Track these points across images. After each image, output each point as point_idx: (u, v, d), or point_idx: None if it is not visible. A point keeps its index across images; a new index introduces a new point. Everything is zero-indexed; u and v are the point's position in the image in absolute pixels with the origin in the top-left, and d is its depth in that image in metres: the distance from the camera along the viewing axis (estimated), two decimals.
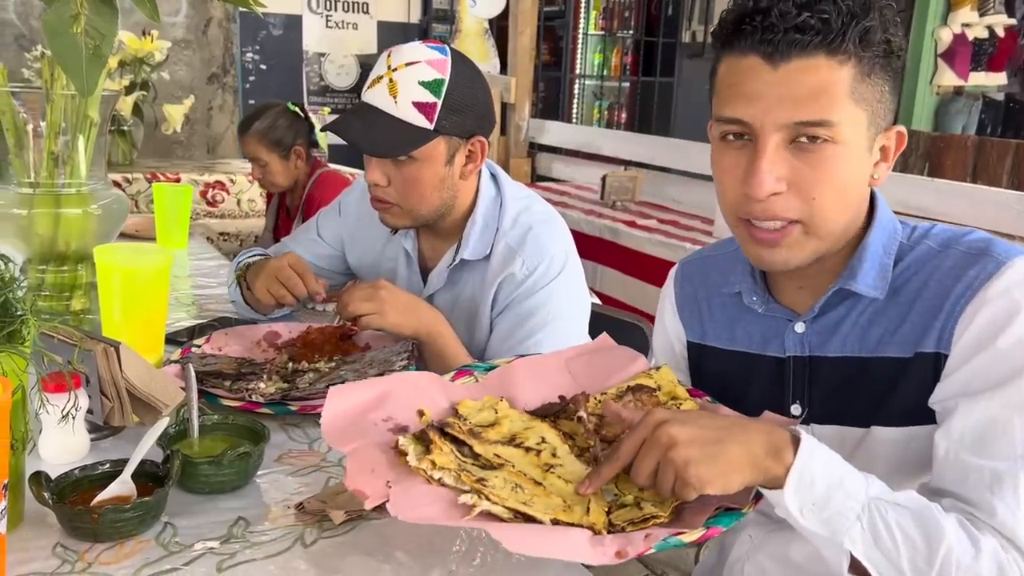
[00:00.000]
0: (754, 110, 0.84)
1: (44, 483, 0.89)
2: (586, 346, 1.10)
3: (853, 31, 0.81)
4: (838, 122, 0.82)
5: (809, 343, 0.95)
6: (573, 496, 0.82)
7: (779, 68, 0.82)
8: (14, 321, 0.87)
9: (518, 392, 1.01)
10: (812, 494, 0.76)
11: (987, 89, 5.94)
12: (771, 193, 0.84)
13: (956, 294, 0.85)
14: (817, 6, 0.80)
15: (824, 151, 0.83)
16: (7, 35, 4.23)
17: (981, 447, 0.82)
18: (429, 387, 0.98)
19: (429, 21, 5.61)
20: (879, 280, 0.91)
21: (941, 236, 0.92)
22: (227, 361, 1.33)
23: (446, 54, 1.35)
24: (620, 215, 3.67)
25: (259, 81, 5.14)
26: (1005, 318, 0.82)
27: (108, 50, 1.20)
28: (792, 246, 0.88)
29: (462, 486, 0.82)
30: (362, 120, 1.34)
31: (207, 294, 1.92)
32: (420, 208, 1.40)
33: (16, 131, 1.40)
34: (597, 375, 1.03)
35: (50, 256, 1.45)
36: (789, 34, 0.81)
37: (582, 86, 6.80)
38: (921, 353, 0.87)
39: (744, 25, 0.83)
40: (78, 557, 0.85)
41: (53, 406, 0.98)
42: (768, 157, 0.84)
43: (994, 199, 2.85)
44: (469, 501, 0.79)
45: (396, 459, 0.86)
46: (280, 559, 0.87)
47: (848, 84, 0.82)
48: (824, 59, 0.81)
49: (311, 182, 2.80)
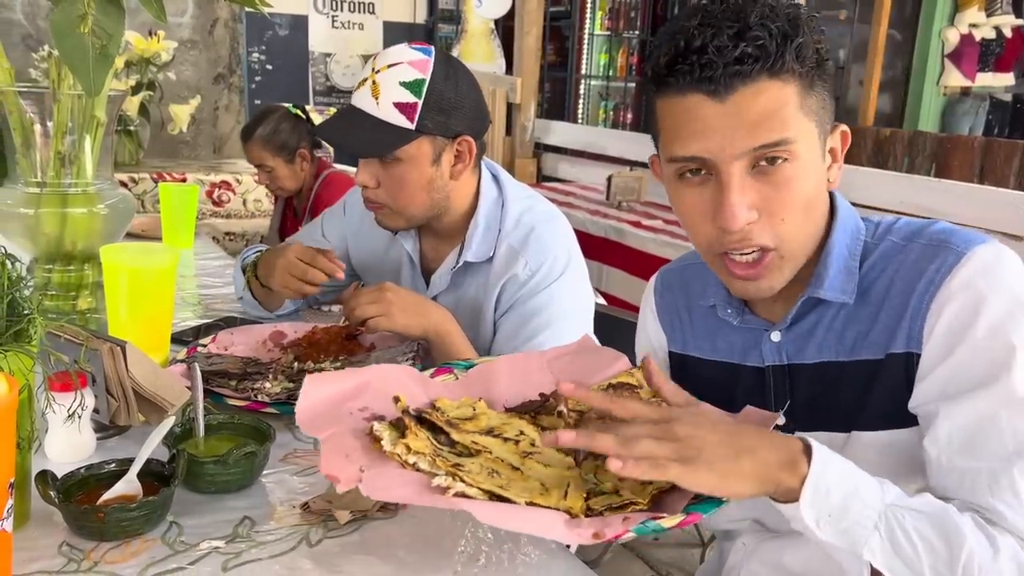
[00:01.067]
0: (710, 144, 0.83)
1: (50, 482, 0.89)
2: (568, 347, 1.09)
3: (789, 50, 0.81)
4: (794, 138, 0.82)
5: (786, 351, 0.95)
6: (551, 480, 0.83)
7: (726, 101, 0.81)
8: (21, 320, 0.87)
9: (499, 390, 1.01)
10: (828, 505, 0.75)
11: (994, 90, 5.92)
12: (746, 223, 0.84)
13: (919, 291, 0.85)
14: (751, 33, 0.80)
15: (785, 170, 0.83)
16: (14, 35, 4.25)
17: (972, 449, 0.81)
18: (407, 381, 0.98)
19: (435, 21, 5.62)
20: (846, 284, 0.90)
21: (904, 230, 0.92)
22: (233, 361, 1.33)
23: (429, 55, 1.35)
24: (625, 215, 3.67)
25: (265, 81, 5.15)
26: (971, 312, 0.82)
27: (115, 50, 1.21)
28: (772, 273, 0.88)
29: (436, 470, 0.82)
30: (345, 122, 1.36)
31: (213, 294, 1.93)
32: (410, 208, 1.40)
33: (23, 131, 1.40)
34: (579, 374, 1.02)
35: (57, 255, 1.45)
36: (730, 67, 0.80)
37: (588, 86, 6.79)
38: (892, 354, 0.87)
39: (679, 65, 0.82)
40: (84, 556, 0.85)
41: (59, 405, 0.98)
42: (736, 189, 0.83)
43: (1001, 200, 2.85)
44: (443, 483, 0.79)
45: (371, 445, 0.86)
46: (285, 558, 0.87)
47: (796, 99, 0.82)
48: (768, 82, 0.81)
49: (318, 183, 2.80)
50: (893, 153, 3.95)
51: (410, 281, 1.55)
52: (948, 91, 5.80)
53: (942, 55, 5.69)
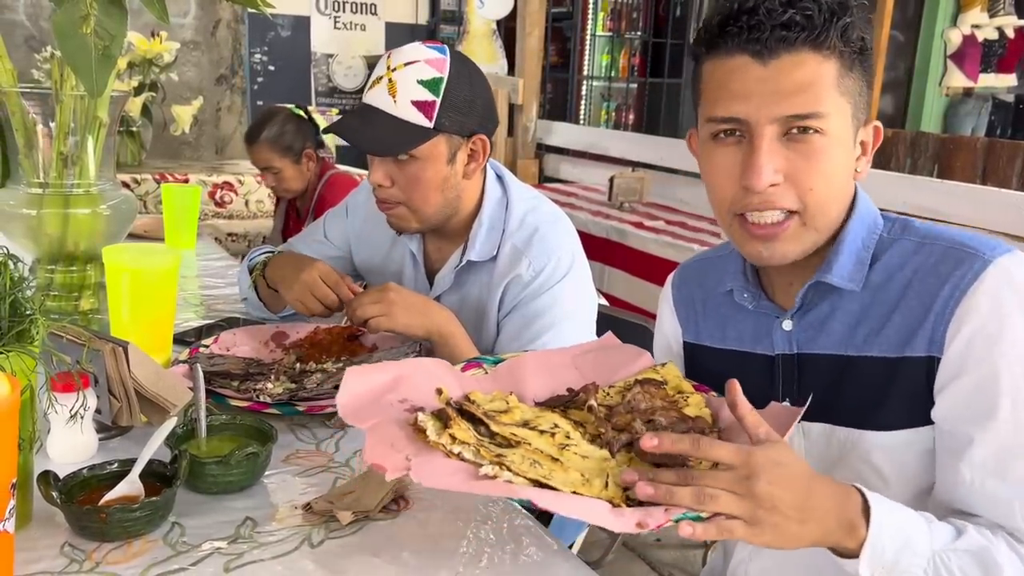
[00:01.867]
0: (748, 107, 0.86)
1: (52, 482, 0.89)
2: (593, 343, 1.10)
3: (835, 27, 0.84)
4: (827, 113, 0.85)
5: (797, 340, 0.96)
6: (591, 470, 0.83)
7: (768, 65, 0.84)
8: (23, 321, 0.87)
9: (527, 385, 1.02)
10: (883, 561, 0.77)
11: (997, 90, 5.92)
12: (770, 184, 0.86)
13: (944, 296, 0.85)
14: (800, 3, 0.83)
15: (815, 142, 0.85)
16: (17, 36, 4.26)
17: (1003, 471, 0.82)
18: (443, 374, 0.99)
19: (437, 22, 5.62)
20: (855, 273, 0.91)
21: (921, 230, 0.93)
22: (235, 361, 1.33)
23: (445, 53, 1.36)
24: (628, 216, 3.67)
25: (267, 82, 5.15)
26: (997, 326, 0.82)
27: (117, 51, 1.21)
28: (790, 239, 0.89)
29: (481, 460, 0.82)
30: (362, 120, 1.35)
31: (215, 294, 1.93)
32: (425, 208, 1.39)
33: (26, 131, 1.40)
34: (604, 370, 1.03)
35: (59, 256, 1.46)
36: (776, 31, 0.83)
37: (590, 87, 6.79)
38: (911, 357, 0.87)
39: (730, 26, 0.86)
40: (86, 556, 0.85)
41: (61, 406, 0.98)
42: (765, 150, 0.85)
43: (1004, 201, 2.84)
44: (491, 472, 0.79)
45: (415, 435, 0.87)
46: (287, 559, 0.87)
47: (834, 77, 0.85)
48: (810, 54, 0.84)
49: (321, 184, 2.80)
50: (896, 154, 3.95)
51: (413, 281, 1.55)
52: (950, 92, 5.80)
53: (944, 56, 5.69)
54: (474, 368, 1.03)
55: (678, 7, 6.65)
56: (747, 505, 0.73)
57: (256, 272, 1.59)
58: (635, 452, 0.86)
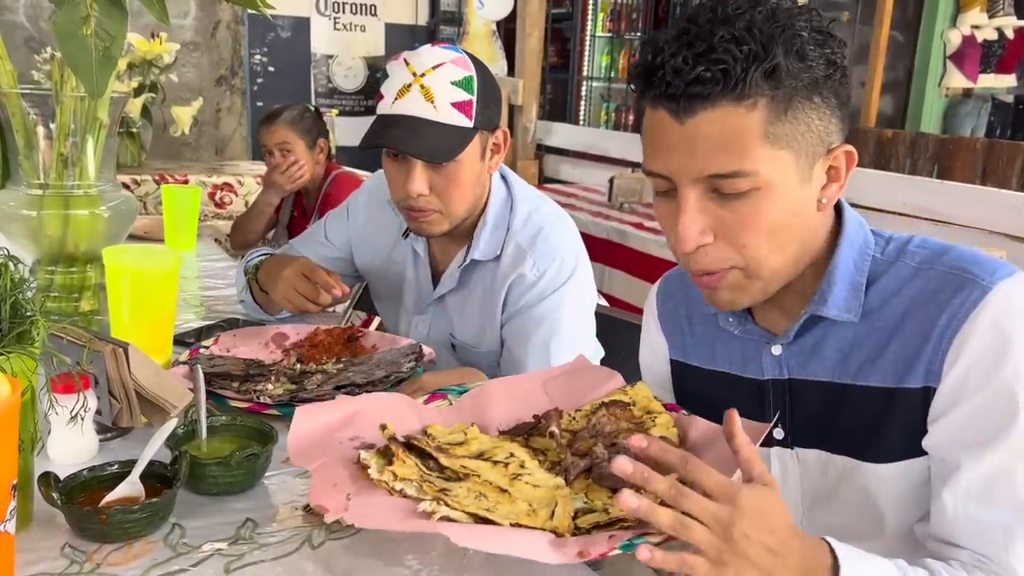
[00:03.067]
0: (669, 164, 0.82)
1: (53, 484, 0.89)
2: (564, 367, 1.09)
3: (756, 74, 0.76)
4: (753, 170, 0.79)
5: (788, 365, 0.93)
6: (539, 500, 0.82)
7: (685, 123, 0.79)
8: (24, 322, 0.87)
9: (492, 414, 1.01)
10: None
11: (996, 91, 5.91)
12: (698, 246, 0.83)
13: (941, 325, 0.82)
14: (713, 55, 0.76)
15: (748, 197, 0.80)
16: (17, 37, 4.26)
17: (988, 499, 0.80)
18: (401, 408, 0.99)
19: (437, 23, 5.62)
20: (851, 301, 0.88)
21: (920, 253, 0.88)
22: (235, 362, 1.33)
23: (461, 52, 1.37)
24: (628, 217, 3.67)
25: (267, 83, 5.16)
26: (996, 356, 0.79)
27: (118, 52, 1.21)
28: (733, 288, 0.86)
29: (423, 496, 0.83)
30: (406, 130, 1.31)
31: (215, 295, 1.93)
32: (460, 209, 1.39)
33: (26, 133, 1.40)
34: (573, 394, 1.02)
35: (59, 257, 1.46)
36: (690, 87, 0.77)
37: (589, 88, 6.80)
38: (908, 388, 0.85)
39: (651, 78, 0.80)
40: (86, 558, 0.85)
41: (62, 407, 0.98)
42: (689, 212, 0.81)
43: (1004, 201, 2.84)
44: (428, 508, 0.80)
45: (359, 473, 0.88)
46: (288, 560, 0.87)
47: (760, 128, 0.78)
48: (731, 107, 0.77)
49: (327, 183, 2.82)
50: (895, 154, 3.95)
51: (416, 280, 1.55)
52: (950, 92, 5.80)
53: (944, 56, 5.69)
54: (439, 400, 1.03)
55: (678, 8, 6.64)
56: (718, 546, 0.68)
57: (249, 275, 1.59)
58: (593, 478, 0.86)
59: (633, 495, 0.68)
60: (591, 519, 0.80)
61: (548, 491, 0.84)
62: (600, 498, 0.83)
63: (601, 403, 0.98)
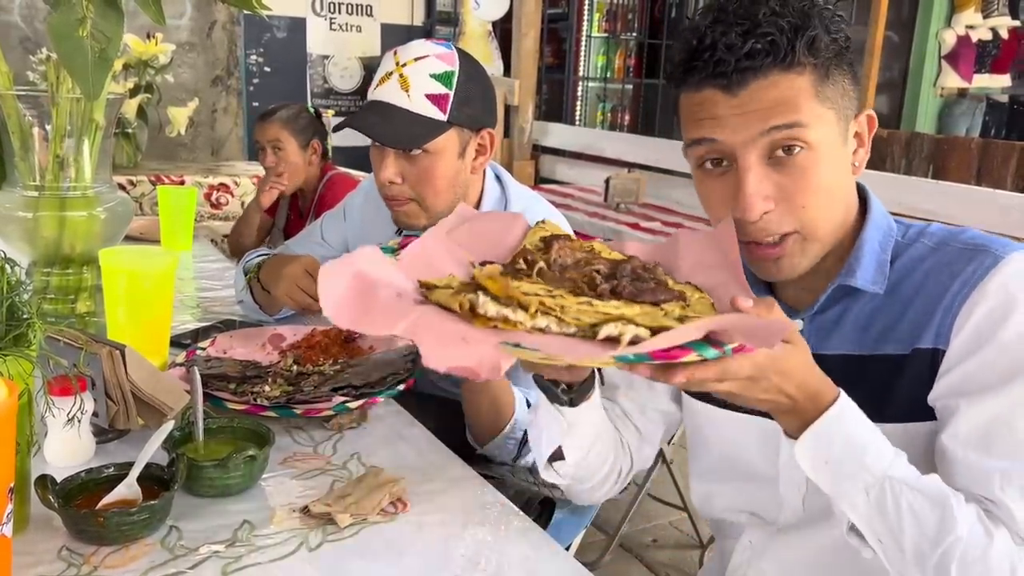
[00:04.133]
0: (724, 131, 0.85)
1: (50, 486, 0.89)
2: (449, 219, 0.93)
3: (801, 44, 0.82)
4: (808, 123, 0.84)
5: (809, 341, 0.95)
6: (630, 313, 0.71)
7: (738, 95, 0.84)
8: (20, 324, 0.87)
9: (441, 266, 0.84)
10: (828, 452, 0.78)
11: (991, 91, 5.93)
12: (763, 213, 0.86)
13: (953, 290, 0.86)
14: (760, 29, 0.82)
15: (802, 159, 0.85)
16: (12, 38, 4.25)
17: (987, 447, 0.82)
18: (383, 260, 0.79)
19: (433, 23, 5.62)
20: (878, 275, 0.91)
21: (937, 235, 0.93)
22: (232, 364, 1.33)
23: (452, 48, 1.38)
24: (624, 217, 3.67)
25: (263, 84, 5.15)
26: (1002, 313, 0.83)
27: (114, 53, 1.21)
28: (794, 255, 0.89)
29: (578, 324, 0.67)
30: (377, 115, 1.35)
31: (212, 296, 1.93)
32: (435, 203, 1.40)
33: (21, 134, 1.40)
34: (487, 243, 0.90)
35: (55, 259, 1.45)
36: (740, 63, 0.82)
37: (585, 88, 6.79)
38: (919, 349, 0.88)
39: (694, 62, 0.85)
40: (84, 560, 0.85)
41: (59, 409, 0.98)
42: (752, 179, 0.85)
43: (999, 201, 2.85)
44: (615, 331, 0.65)
45: (472, 322, 0.68)
46: (285, 563, 0.87)
47: (810, 89, 0.84)
48: (780, 75, 0.83)
49: (322, 184, 2.82)
50: (891, 155, 3.96)
51: None
52: (945, 92, 5.81)
53: (939, 57, 5.70)
54: None
55: (673, 8, 6.65)
56: (763, 365, 0.74)
57: (250, 275, 1.59)
58: (627, 296, 0.75)
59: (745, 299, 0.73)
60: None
61: (635, 310, 0.72)
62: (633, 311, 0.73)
63: (541, 240, 0.89)
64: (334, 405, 1.19)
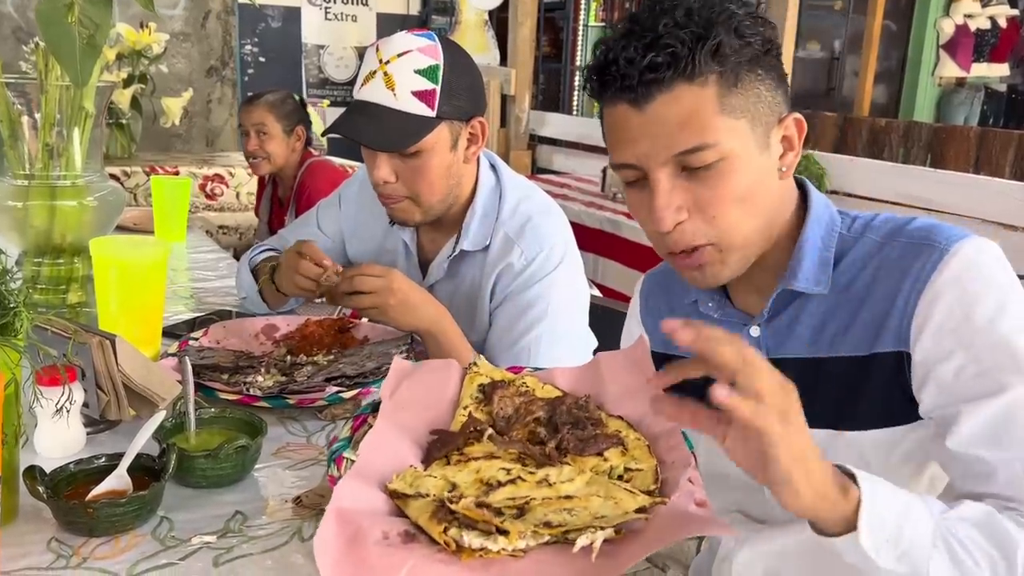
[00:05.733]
0: (637, 151, 0.86)
1: (39, 477, 0.88)
2: (394, 374, 0.95)
3: (702, 53, 0.82)
4: (715, 141, 0.83)
5: (766, 346, 0.95)
6: (587, 488, 0.76)
7: (645, 110, 0.84)
8: (7, 313, 0.86)
9: (389, 456, 0.83)
10: (884, 530, 0.71)
11: (989, 80, 5.92)
12: (676, 223, 0.86)
13: (905, 290, 0.85)
14: (662, 41, 0.82)
15: (714, 171, 0.85)
16: (4, 27, 4.22)
17: (997, 441, 0.81)
18: (354, 493, 0.77)
19: (429, 13, 5.60)
20: (820, 275, 0.91)
21: (883, 228, 0.91)
22: (225, 354, 1.32)
23: (435, 40, 1.34)
24: (621, 207, 3.66)
25: (258, 74, 5.13)
26: (963, 310, 0.82)
27: (102, 40, 1.19)
28: (712, 264, 0.89)
29: (546, 534, 0.71)
30: (364, 117, 1.32)
31: (205, 287, 1.92)
32: (431, 198, 1.38)
33: (10, 122, 1.39)
34: (429, 397, 0.92)
35: (46, 249, 1.44)
36: (644, 76, 0.83)
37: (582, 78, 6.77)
38: (880, 353, 0.87)
39: (605, 77, 0.86)
40: (73, 552, 0.84)
41: (47, 400, 0.97)
42: (662, 193, 0.85)
43: (997, 190, 2.84)
44: (586, 541, 0.68)
45: (456, 559, 0.70)
46: (277, 553, 0.87)
47: (715, 102, 0.83)
48: (685, 87, 0.83)
49: (302, 171, 2.82)
50: (889, 143, 3.95)
51: (406, 271, 1.54)
52: (943, 81, 5.80)
53: (937, 45, 5.69)
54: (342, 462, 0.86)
55: None
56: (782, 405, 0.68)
57: (264, 278, 1.57)
58: (574, 450, 0.82)
59: (722, 387, 0.68)
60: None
61: (585, 478, 0.77)
62: (587, 465, 0.81)
63: (481, 388, 0.92)
64: (327, 395, 1.18)
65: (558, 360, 1.24)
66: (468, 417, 0.89)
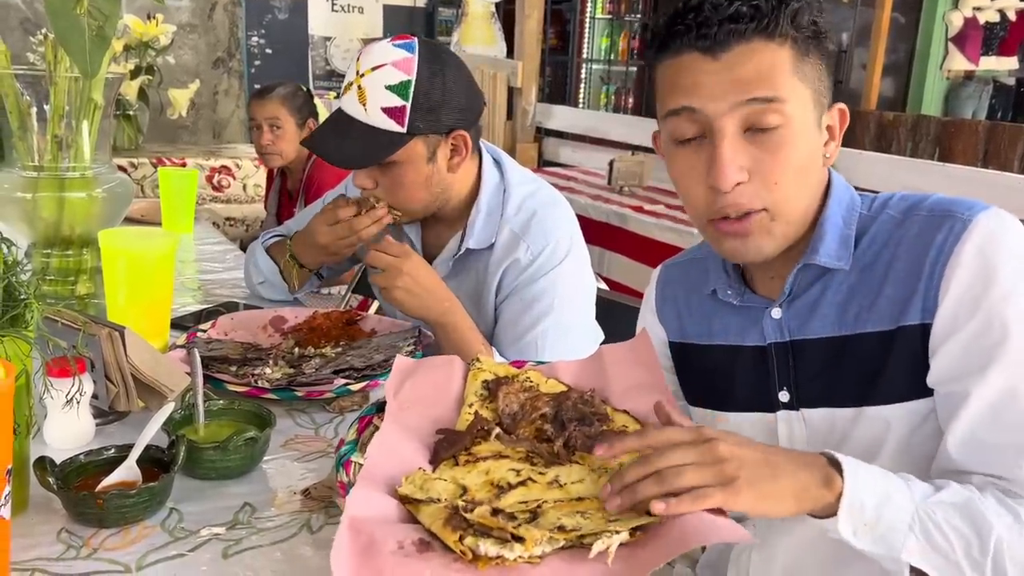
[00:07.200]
0: (703, 96, 0.85)
1: (49, 468, 0.88)
2: (397, 373, 0.95)
3: (784, 13, 0.83)
4: (785, 98, 0.84)
5: (788, 327, 0.95)
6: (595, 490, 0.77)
7: (720, 58, 0.84)
8: (17, 305, 0.86)
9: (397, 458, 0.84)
10: (863, 515, 0.75)
11: (998, 74, 5.88)
12: (736, 183, 0.85)
13: (930, 261, 0.85)
14: None
15: (778, 135, 0.84)
16: (12, 19, 4.23)
17: (995, 423, 0.81)
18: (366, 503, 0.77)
19: (435, 5, 5.58)
20: (841, 250, 0.91)
21: (902, 204, 0.92)
22: (233, 346, 1.32)
23: (413, 51, 1.32)
24: (628, 200, 3.65)
25: (265, 65, 5.12)
26: (983, 282, 0.82)
27: (111, 31, 1.19)
28: (761, 233, 0.88)
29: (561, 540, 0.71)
30: (336, 130, 1.35)
31: (213, 279, 1.92)
32: (411, 206, 1.40)
33: (20, 114, 1.39)
34: (433, 394, 0.93)
35: (55, 240, 1.45)
36: (724, 25, 0.83)
37: (589, 70, 6.76)
38: (906, 326, 0.87)
39: (677, 25, 0.85)
40: (83, 543, 0.85)
41: (57, 391, 0.97)
42: (728, 147, 0.84)
43: (1005, 183, 2.83)
44: (602, 547, 0.68)
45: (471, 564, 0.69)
46: (286, 545, 0.87)
47: (790, 63, 0.84)
48: (762, 42, 0.84)
49: (310, 163, 2.81)
50: (897, 137, 3.93)
51: None
52: (952, 75, 5.76)
53: (946, 38, 5.65)
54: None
55: None
56: (714, 470, 0.71)
57: (286, 259, 1.58)
58: (581, 448, 0.82)
59: (613, 495, 0.72)
60: None
61: (595, 478, 0.79)
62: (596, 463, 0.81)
63: (485, 385, 0.92)
64: (336, 388, 1.18)
65: (565, 354, 1.24)
66: (475, 416, 0.89)
